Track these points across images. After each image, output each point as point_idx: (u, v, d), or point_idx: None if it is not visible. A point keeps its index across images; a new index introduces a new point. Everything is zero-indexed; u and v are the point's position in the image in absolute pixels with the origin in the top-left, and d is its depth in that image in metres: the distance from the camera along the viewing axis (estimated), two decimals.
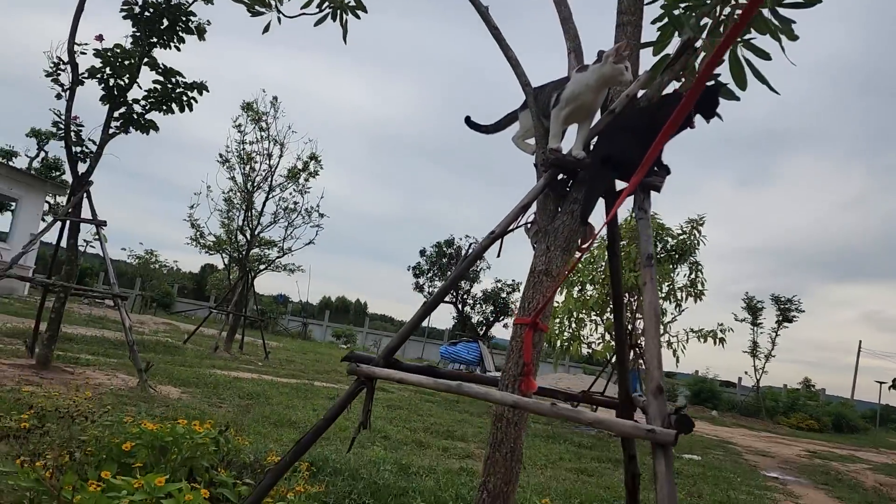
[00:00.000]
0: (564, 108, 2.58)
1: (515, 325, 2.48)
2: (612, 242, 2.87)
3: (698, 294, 13.95)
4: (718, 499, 6.95)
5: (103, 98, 8.29)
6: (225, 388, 9.09)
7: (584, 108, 2.59)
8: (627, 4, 2.77)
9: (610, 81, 2.55)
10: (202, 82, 8.83)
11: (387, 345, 2.63)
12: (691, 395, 37.33)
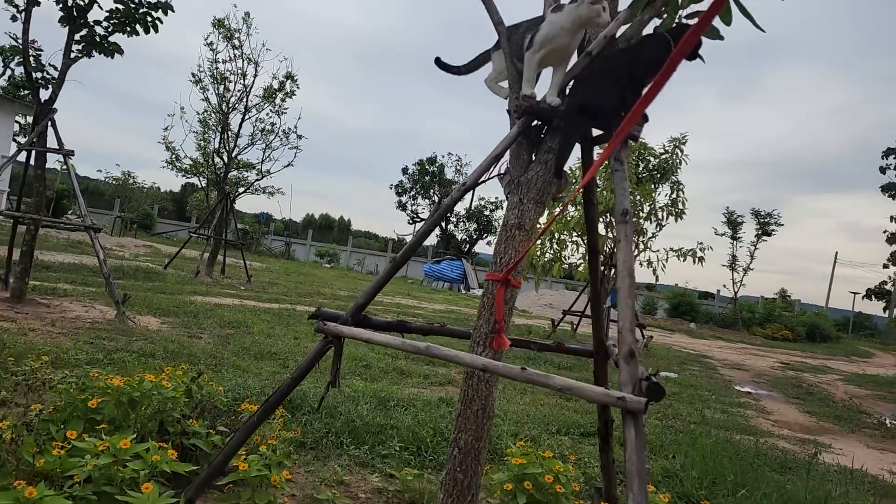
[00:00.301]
0: (538, 50, 2.42)
1: (487, 280, 2.41)
2: (589, 191, 2.77)
3: (679, 213, 13.96)
4: (694, 419, 7.13)
5: (62, 20, 7.85)
6: (205, 317, 9.06)
7: (559, 52, 2.43)
8: None
9: (587, 23, 2.39)
10: (167, 1, 8.38)
11: (355, 302, 2.55)
12: (670, 308, 38.13)
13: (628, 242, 2.14)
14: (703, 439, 5.52)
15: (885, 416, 10.44)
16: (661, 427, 6.14)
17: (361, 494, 3.34)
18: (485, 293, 2.44)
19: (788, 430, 7.74)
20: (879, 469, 6.08)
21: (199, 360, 6.01)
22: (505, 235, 2.42)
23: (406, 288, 30.15)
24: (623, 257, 2.11)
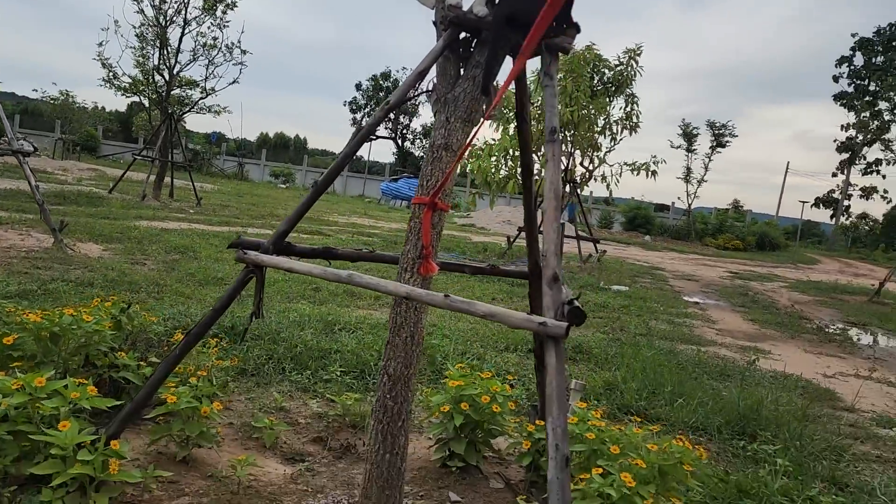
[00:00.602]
0: None
1: (414, 204, 2.31)
2: (521, 108, 2.65)
3: (633, 126, 13.91)
4: (641, 331, 7.29)
5: None
6: (150, 243, 8.83)
7: None
8: None
9: None
10: None
11: (277, 229, 2.44)
12: (626, 222, 38.72)
13: (556, 162, 2.05)
14: (644, 351, 5.65)
15: (825, 321, 10.88)
16: (606, 340, 6.26)
17: (301, 420, 3.32)
18: (412, 217, 2.35)
19: (731, 338, 7.99)
20: (814, 373, 6.34)
21: (141, 287, 5.86)
22: (432, 157, 2.31)
23: (363, 207, 29.91)
24: (550, 178, 2.03)
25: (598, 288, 10.72)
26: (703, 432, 3.95)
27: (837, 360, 7.33)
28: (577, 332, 6.70)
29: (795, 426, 3.91)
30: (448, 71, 2.35)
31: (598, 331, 6.99)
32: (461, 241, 18.30)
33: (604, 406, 4.20)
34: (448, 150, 2.30)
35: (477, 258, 13.09)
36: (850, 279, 22.92)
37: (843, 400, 5.34)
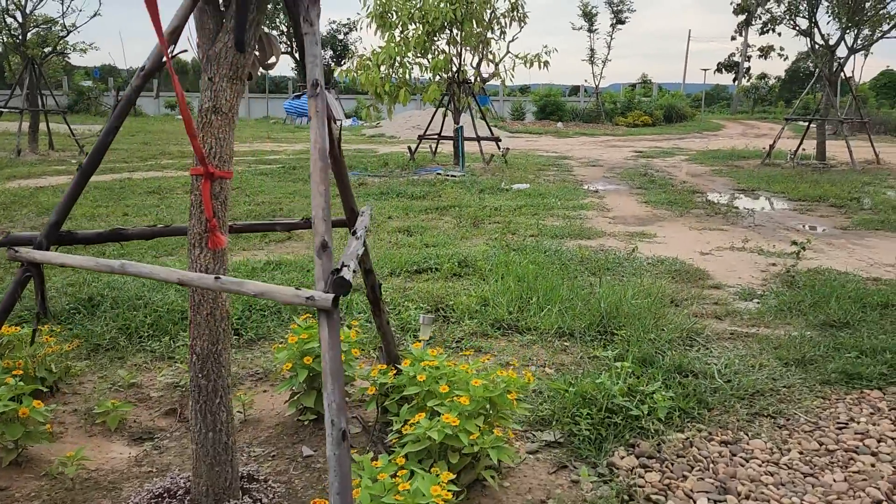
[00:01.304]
0: None
1: (192, 175, 2.16)
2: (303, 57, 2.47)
3: (521, 17, 13.65)
4: (532, 232, 7.39)
5: None
6: (20, 207, 8.32)
7: None
8: None
9: None
10: None
11: (48, 220, 2.27)
12: (538, 111, 38.71)
13: (320, 119, 1.94)
14: (525, 257, 5.72)
15: (717, 191, 11.30)
16: (494, 249, 6.31)
17: (154, 394, 3.25)
18: (192, 190, 2.21)
19: (623, 224, 8.21)
20: (693, 252, 6.60)
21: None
22: (202, 121, 2.15)
23: (267, 129, 28.89)
24: (315, 136, 1.92)
25: (499, 189, 10.76)
26: (570, 336, 4.07)
27: (718, 233, 7.64)
28: (467, 246, 6.75)
29: (649, 319, 4.06)
30: (206, 24, 2.16)
31: (490, 238, 7.05)
32: (366, 155, 17.98)
33: (475, 324, 4.27)
34: (217, 112, 2.15)
35: (379, 172, 12.90)
36: (749, 141, 23.78)
37: (712, 277, 5.59)
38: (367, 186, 11.08)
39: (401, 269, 5.69)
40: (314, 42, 2.02)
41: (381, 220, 8.14)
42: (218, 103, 2.15)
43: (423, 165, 13.94)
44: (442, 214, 8.65)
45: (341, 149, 2.62)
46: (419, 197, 9.99)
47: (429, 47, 12.71)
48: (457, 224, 7.95)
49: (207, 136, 2.15)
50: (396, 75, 12.60)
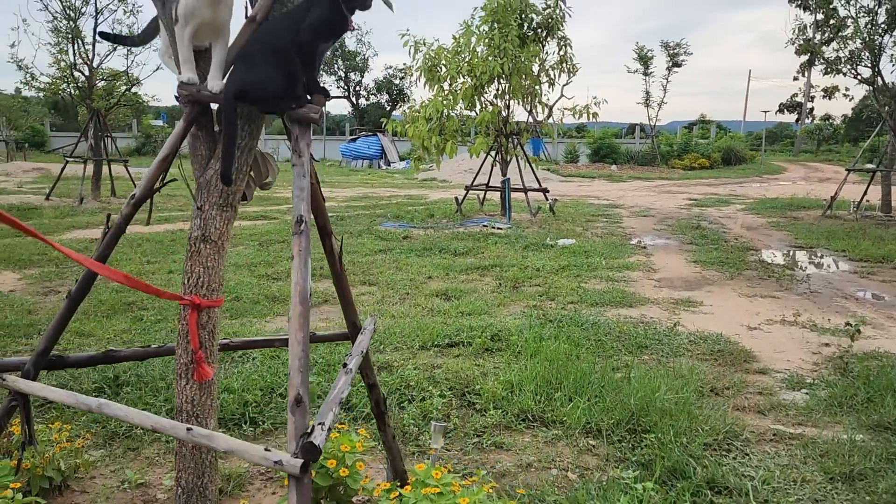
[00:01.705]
0: (185, 25, 2.00)
1: (181, 305, 2.11)
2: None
3: (570, 69, 13.58)
4: (572, 297, 7.20)
5: None
6: (73, 262, 8.56)
7: (209, 25, 2.02)
8: None
9: None
10: None
11: (37, 347, 2.25)
12: (592, 154, 38.46)
13: (302, 259, 1.86)
14: (552, 332, 5.54)
15: (772, 248, 10.86)
16: (530, 320, 6.13)
17: (160, 495, 3.19)
18: (181, 318, 2.16)
19: (669, 289, 7.93)
20: (740, 325, 6.29)
21: (41, 329, 5.64)
22: (190, 250, 2.11)
23: (322, 171, 29.45)
24: (296, 277, 1.84)
25: (543, 245, 10.59)
26: (598, 434, 3.86)
27: (770, 302, 7.28)
28: (504, 314, 6.60)
29: (684, 417, 3.82)
30: (199, 151, 2.13)
31: (528, 306, 6.89)
32: (415, 202, 18.07)
33: (500, 413, 4.11)
34: (207, 241, 2.10)
35: (425, 224, 12.90)
36: (812, 188, 23.01)
37: (758, 359, 5.28)
38: (412, 240, 11.05)
39: (432, 343, 5.57)
40: (301, 174, 1.95)
41: (421, 280, 8.06)
42: (207, 232, 2.10)
43: (469, 216, 13.89)
44: (483, 275, 8.52)
45: (342, 262, 2.53)
46: (462, 253, 9.91)
47: (476, 100, 12.75)
48: (496, 287, 7.81)
49: (196, 265, 2.10)
50: (444, 128, 12.64)
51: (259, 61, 1.98)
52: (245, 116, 2.06)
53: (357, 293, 7.41)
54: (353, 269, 8.64)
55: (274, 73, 1.96)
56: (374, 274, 8.39)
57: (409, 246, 10.48)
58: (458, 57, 12.74)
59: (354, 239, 11.00)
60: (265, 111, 2.10)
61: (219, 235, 2.11)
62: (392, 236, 11.38)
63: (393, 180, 27.48)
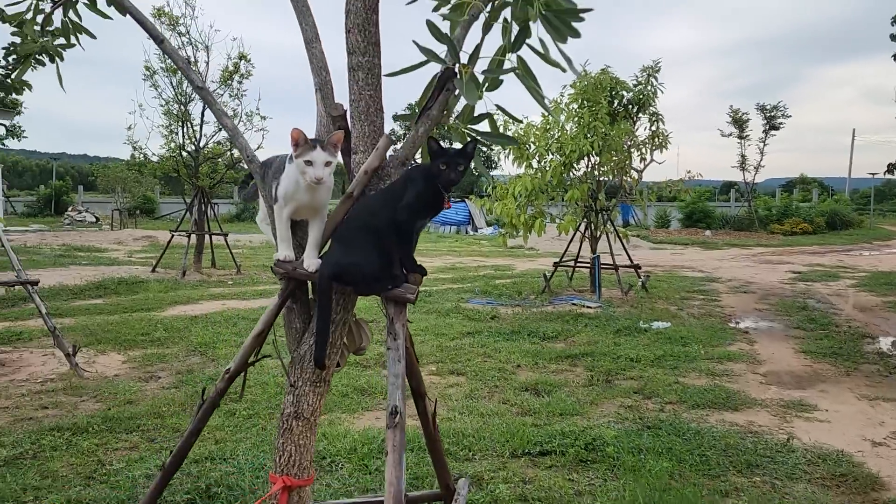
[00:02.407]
0: (283, 206, 2.00)
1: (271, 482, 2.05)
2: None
3: (662, 144, 13.33)
4: (671, 397, 6.82)
5: None
6: (173, 343, 8.88)
7: (307, 206, 2.00)
8: (356, 42, 2.05)
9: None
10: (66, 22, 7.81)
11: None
12: (684, 218, 37.41)
13: (397, 456, 1.76)
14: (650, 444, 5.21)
15: (890, 338, 10.05)
16: (626, 426, 5.82)
17: None
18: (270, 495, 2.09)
19: (777, 386, 7.41)
20: (863, 439, 5.75)
21: (140, 425, 5.79)
22: (282, 427, 2.06)
23: None
24: (390, 477, 1.74)
25: (636, 329, 10.20)
26: None
27: (894, 408, 6.66)
28: (598, 414, 6.31)
29: None
30: (294, 324, 2.10)
31: (622, 405, 6.57)
32: (502, 273, 17.96)
33: None
34: (299, 418, 2.04)
35: (512, 301, 12.73)
36: None
37: (887, 487, 4.77)
38: (500, 320, 10.90)
39: (523, 450, 5.36)
40: (396, 359, 1.87)
41: (510, 370, 7.87)
42: (300, 409, 2.05)
43: (558, 293, 13.64)
44: (574, 364, 8.25)
45: (436, 425, 2.43)
46: (551, 337, 9.66)
47: (566, 177, 12.66)
48: (588, 380, 7.52)
49: (288, 443, 2.04)
50: (532, 206, 12.58)
51: (355, 242, 1.94)
52: (340, 291, 2.03)
53: (445, 385, 7.30)
54: (442, 355, 8.55)
55: (370, 254, 1.92)
56: (462, 361, 8.26)
57: (498, 327, 10.31)
58: (547, 134, 12.75)
59: (442, 319, 10.95)
60: (360, 293, 2.06)
61: (311, 412, 2.05)
62: (480, 315, 11.26)
63: (480, 248, 27.54)
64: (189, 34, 15.05)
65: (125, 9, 2.50)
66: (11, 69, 7.99)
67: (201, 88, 2.44)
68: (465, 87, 1.86)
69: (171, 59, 2.37)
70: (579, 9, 1.94)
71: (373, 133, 2.06)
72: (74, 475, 4.71)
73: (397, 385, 1.83)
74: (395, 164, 2.05)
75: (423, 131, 2.03)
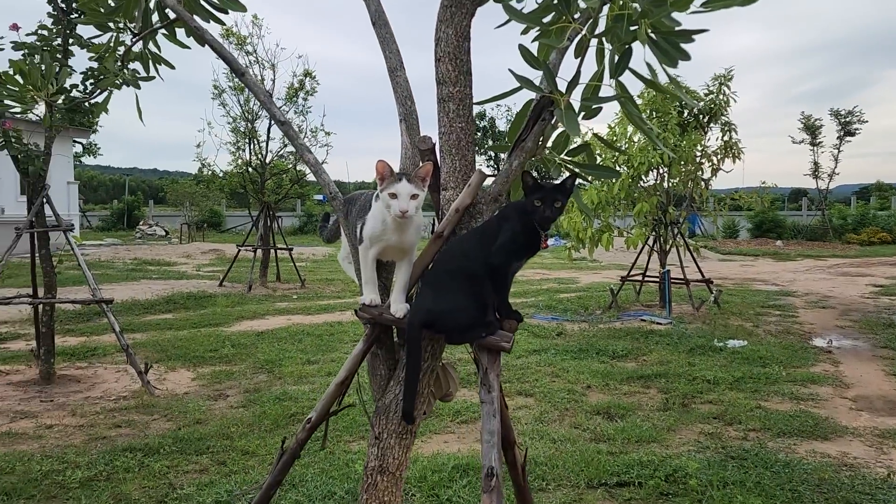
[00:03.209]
0: (370, 247, 1.88)
1: None
2: None
3: (735, 155, 12.85)
4: (753, 424, 6.46)
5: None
6: (241, 359, 8.96)
7: (393, 247, 1.88)
8: (447, 72, 1.92)
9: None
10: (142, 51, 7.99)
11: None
12: (753, 228, 36.16)
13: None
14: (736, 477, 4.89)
15: None
16: (708, 455, 5.51)
17: None
18: None
19: (868, 412, 6.95)
20: None
21: (209, 446, 5.80)
22: (366, 483, 1.92)
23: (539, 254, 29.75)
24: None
25: (710, 348, 9.78)
26: None
27: None
28: (676, 442, 6.01)
29: None
30: (378, 371, 1.97)
31: (702, 432, 6.24)
32: (567, 287, 17.64)
33: None
34: (384, 472, 1.91)
35: (578, 317, 12.43)
36: None
37: None
38: (566, 337, 10.64)
39: (599, 481, 5.12)
40: (491, 414, 1.72)
41: (579, 391, 7.62)
42: (385, 462, 1.91)
43: (625, 308, 13.26)
44: (647, 386, 7.93)
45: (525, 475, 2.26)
46: (621, 356, 9.36)
47: (633, 191, 12.32)
48: (663, 404, 7.20)
49: (372, 499, 1.91)
50: (599, 219, 12.28)
51: (447, 287, 1.81)
52: (429, 338, 1.89)
53: (513, 406, 7.10)
54: (508, 374, 8.36)
55: (464, 300, 1.77)
56: (530, 381, 8.05)
57: (564, 345, 10.05)
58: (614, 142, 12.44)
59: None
60: (451, 342, 1.92)
61: (397, 466, 1.92)
62: (545, 332, 11.01)
63: (542, 260, 27.19)
64: (256, 53, 15.33)
65: (205, 41, 2.45)
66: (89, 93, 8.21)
67: (283, 123, 2.36)
68: (566, 117, 1.71)
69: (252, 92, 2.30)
70: (691, 31, 1.76)
71: (464, 168, 1.92)
72: (146, 499, 4.71)
73: (492, 444, 1.67)
74: (487, 201, 1.90)
75: (517, 164, 1.89)
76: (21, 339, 10.32)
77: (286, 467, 2.04)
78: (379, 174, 1.78)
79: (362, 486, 1.92)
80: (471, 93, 1.96)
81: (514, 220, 1.80)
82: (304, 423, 2.00)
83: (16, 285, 13.19)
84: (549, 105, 1.83)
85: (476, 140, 17.30)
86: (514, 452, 2.13)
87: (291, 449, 2.07)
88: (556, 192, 1.88)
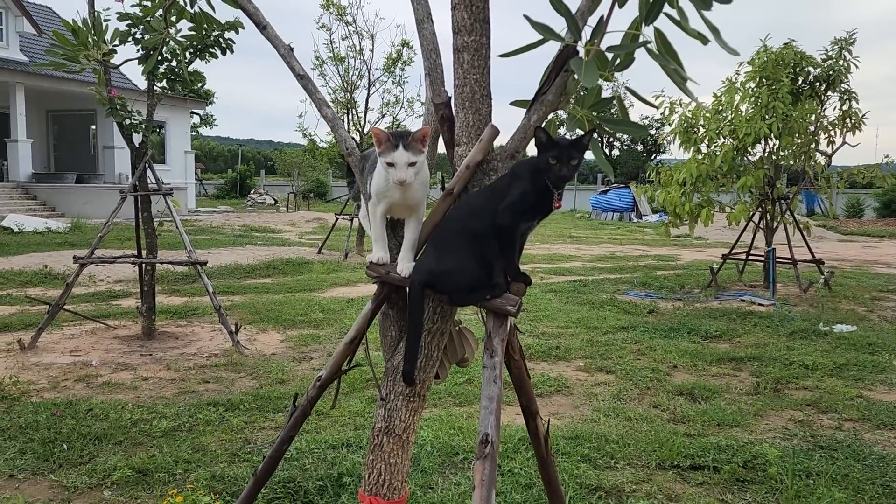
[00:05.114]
0: (377, 203, 1.82)
1: (360, 501, 1.90)
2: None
3: (855, 126, 11.86)
4: (851, 413, 6.01)
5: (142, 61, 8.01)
6: (328, 324, 9.22)
7: (401, 204, 1.81)
8: (462, 19, 1.81)
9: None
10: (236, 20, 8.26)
11: None
12: (881, 207, 33.50)
13: (485, 493, 1.53)
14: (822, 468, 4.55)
15: None
16: (794, 443, 5.18)
17: None
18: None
19: None
20: None
21: (287, 404, 5.99)
22: (372, 443, 1.90)
23: (571, 225, 29.28)
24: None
25: (815, 332, 9.16)
26: None
27: None
28: (762, 428, 5.68)
29: None
30: (389, 331, 1.93)
31: (791, 419, 5.87)
32: (665, 264, 17.03)
33: None
34: (390, 434, 1.88)
35: (673, 295, 11.97)
36: None
37: None
38: (658, 315, 10.28)
39: (671, 462, 4.91)
40: (492, 379, 1.64)
41: (664, 370, 7.34)
42: (391, 424, 1.88)
43: (726, 287, 12.64)
44: (738, 369, 7.54)
45: (549, 448, 2.17)
46: (713, 337, 8.94)
47: (738, 163, 11.65)
48: (753, 388, 6.82)
49: (377, 460, 1.89)
50: (699, 193, 11.71)
51: (452, 246, 1.73)
52: (436, 299, 1.83)
53: (592, 383, 6.94)
54: (591, 350, 8.16)
55: (467, 261, 1.70)
56: (613, 358, 7.83)
57: (655, 323, 9.70)
58: (718, 116, 11.78)
59: (595, 311, 10.50)
60: (455, 304, 1.85)
61: (403, 429, 1.88)
62: (636, 309, 10.67)
63: (643, 236, 26.34)
64: (355, 23, 15.52)
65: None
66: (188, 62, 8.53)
67: (302, 77, 2.35)
68: (585, 67, 1.58)
69: (272, 45, 2.29)
70: None
71: (478, 122, 1.83)
72: (222, 451, 4.93)
73: (491, 410, 1.60)
74: (503, 158, 1.81)
75: (535, 119, 1.78)
76: (132, 297, 11.05)
77: (297, 423, 2.06)
78: (376, 139, 1.73)
79: (369, 447, 1.90)
80: (488, 42, 1.85)
81: (526, 178, 1.70)
82: (314, 381, 2.01)
83: (127, 247, 14.10)
84: (573, 55, 1.70)
85: None
86: (537, 423, 2.04)
87: (302, 406, 2.08)
88: (572, 149, 1.75)
